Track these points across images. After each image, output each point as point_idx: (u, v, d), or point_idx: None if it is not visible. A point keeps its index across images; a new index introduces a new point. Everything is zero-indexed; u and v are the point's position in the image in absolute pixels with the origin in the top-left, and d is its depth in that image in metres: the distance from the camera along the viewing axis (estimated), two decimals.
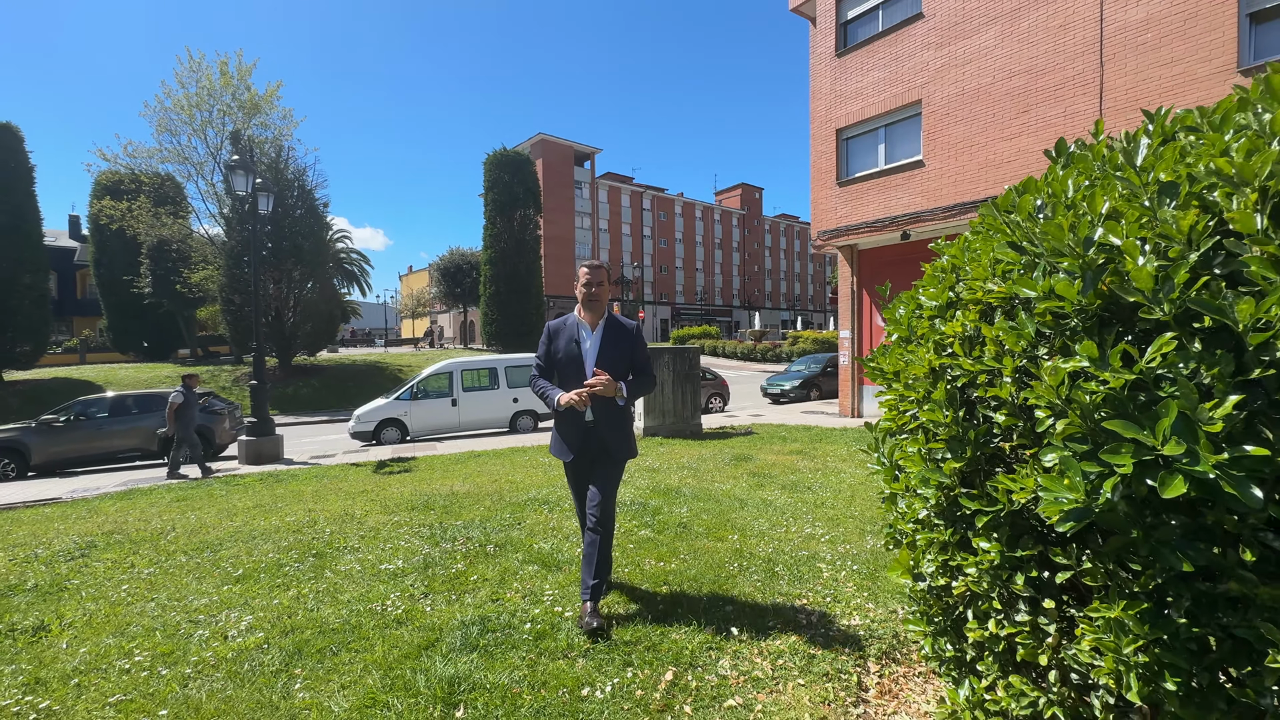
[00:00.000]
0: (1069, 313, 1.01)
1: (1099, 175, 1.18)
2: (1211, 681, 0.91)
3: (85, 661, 2.57)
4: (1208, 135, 1.04)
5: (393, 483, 6.92)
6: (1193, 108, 1.22)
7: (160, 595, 3.37)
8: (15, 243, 20.18)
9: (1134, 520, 0.92)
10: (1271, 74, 1.07)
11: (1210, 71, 8.35)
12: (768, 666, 2.30)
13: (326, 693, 2.21)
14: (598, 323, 2.98)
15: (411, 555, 3.85)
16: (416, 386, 12.79)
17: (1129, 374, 0.90)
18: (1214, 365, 0.84)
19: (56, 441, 10.31)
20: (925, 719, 2.00)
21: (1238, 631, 0.87)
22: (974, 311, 1.26)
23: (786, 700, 2.08)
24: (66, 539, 4.87)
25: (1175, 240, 0.93)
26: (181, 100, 22.94)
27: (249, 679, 2.35)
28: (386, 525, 4.69)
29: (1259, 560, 0.84)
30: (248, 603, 3.18)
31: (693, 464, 7.07)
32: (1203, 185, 0.97)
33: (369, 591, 3.24)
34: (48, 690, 2.34)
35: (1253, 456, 0.80)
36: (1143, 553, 0.93)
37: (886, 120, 12.59)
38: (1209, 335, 0.88)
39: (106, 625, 2.97)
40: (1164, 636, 0.90)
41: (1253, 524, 0.86)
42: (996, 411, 1.17)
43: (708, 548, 3.82)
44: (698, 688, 2.17)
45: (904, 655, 2.39)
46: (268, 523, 5.04)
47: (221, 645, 2.67)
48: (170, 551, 4.29)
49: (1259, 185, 0.89)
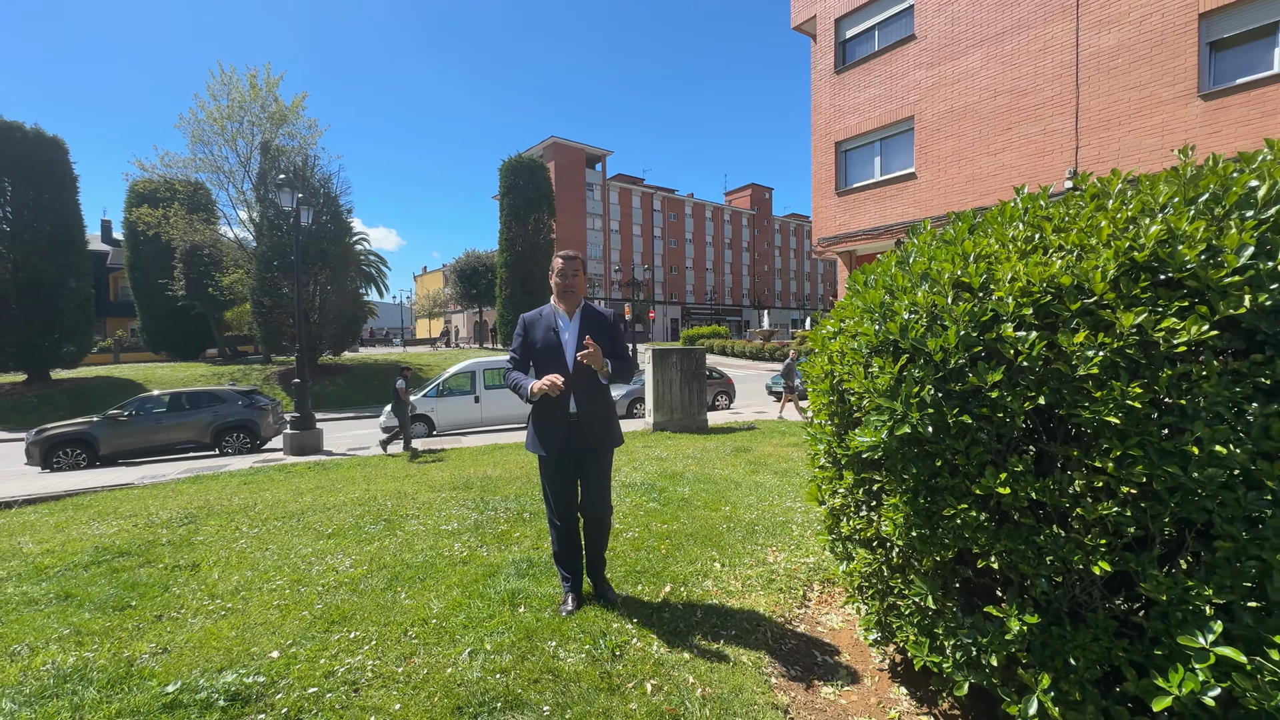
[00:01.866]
0: (874, 343, 1.87)
1: (895, 269, 2.04)
2: (934, 526, 1.77)
3: (239, 585, 3.50)
4: (948, 249, 1.89)
5: (430, 469, 7.85)
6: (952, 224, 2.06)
7: (272, 547, 4.30)
8: (62, 249, 21.45)
9: (895, 451, 1.78)
10: (989, 213, 1.93)
11: (1173, 95, 9.08)
12: (738, 585, 3.18)
13: (424, 600, 3.12)
14: (574, 312, 2.98)
15: (463, 520, 4.76)
16: (442, 385, 13.76)
17: (892, 373, 1.76)
18: (924, 371, 1.69)
19: (120, 434, 11.39)
20: (846, 618, 2.87)
21: (946, 507, 1.73)
22: (844, 336, 2.12)
23: (750, 602, 2.96)
24: (168, 511, 5.83)
25: (921, 306, 1.78)
26: (214, 112, 24.16)
27: (365, 593, 3.26)
28: (436, 500, 5.61)
29: (940, 471, 1.70)
30: (343, 551, 4.10)
31: (697, 454, 7.93)
32: (938, 275, 1.83)
33: (435, 544, 4.15)
34: (222, 601, 3.26)
35: (929, 415, 1.66)
36: (901, 468, 1.78)
37: (882, 134, 13.36)
38: (927, 359, 1.73)
39: (241, 565, 3.91)
40: (911, 512, 1.77)
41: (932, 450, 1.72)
42: (850, 396, 2.04)
43: (704, 516, 4.70)
44: (686, 594, 3.05)
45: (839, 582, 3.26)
46: (335, 498, 5.98)
47: (335, 575, 3.59)
48: (264, 519, 5.23)
49: (949, 279, 1.75)
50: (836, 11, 13.94)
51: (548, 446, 2.89)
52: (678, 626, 2.72)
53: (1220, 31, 8.82)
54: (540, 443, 2.91)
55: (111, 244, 42.62)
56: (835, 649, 2.59)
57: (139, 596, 3.34)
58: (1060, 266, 1.56)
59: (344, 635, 2.71)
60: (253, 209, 25.10)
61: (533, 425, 2.98)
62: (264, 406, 12.58)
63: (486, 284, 40.55)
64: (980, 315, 1.65)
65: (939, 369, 1.69)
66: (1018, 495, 1.58)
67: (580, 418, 2.85)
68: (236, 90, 24.37)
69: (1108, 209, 1.66)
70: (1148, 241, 1.46)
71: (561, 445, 2.87)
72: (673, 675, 2.27)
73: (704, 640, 2.59)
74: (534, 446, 2.95)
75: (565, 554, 3.01)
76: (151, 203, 26.19)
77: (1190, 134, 8.93)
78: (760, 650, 2.52)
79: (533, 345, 2.96)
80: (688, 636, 2.62)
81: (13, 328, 20.45)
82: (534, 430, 2.96)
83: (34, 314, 20.74)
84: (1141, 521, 1.48)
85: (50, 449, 10.84)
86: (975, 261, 1.77)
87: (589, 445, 2.88)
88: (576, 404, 2.84)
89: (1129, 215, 1.58)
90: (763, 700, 2.12)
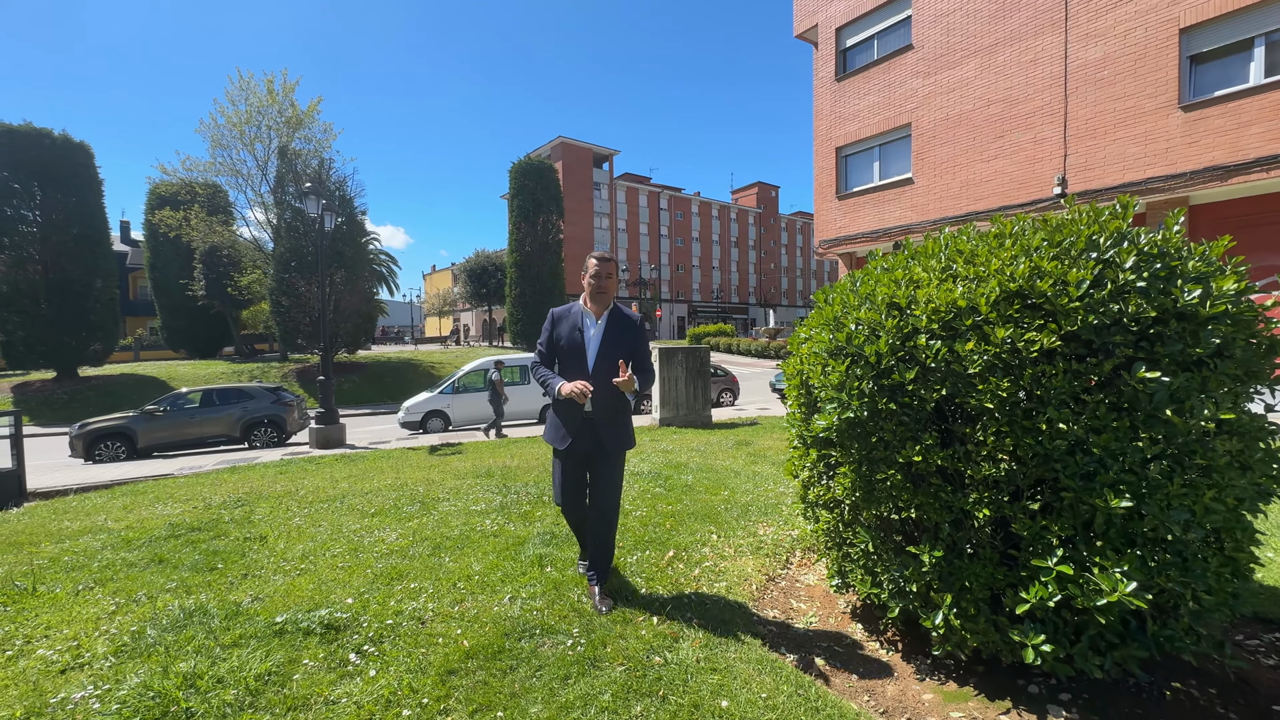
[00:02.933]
0: (830, 348, 2.42)
1: (848, 291, 2.58)
2: (871, 488, 2.32)
3: (304, 552, 4.09)
4: (884, 275, 2.43)
5: (451, 460, 8.45)
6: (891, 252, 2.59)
7: (324, 524, 4.90)
8: (89, 251, 22.20)
9: (843, 431, 2.32)
10: (925, 240, 2.47)
11: (1155, 106, 9.54)
12: (731, 551, 3.74)
13: (465, 563, 3.69)
14: (602, 314, 3.03)
15: (490, 502, 5.34)
16: (458, 382, 14.38)
17: (841, 371, 2.31)
18: (863, 370, 2.24)
19: (157, 428, 12.07)
20: (820, 577, 3.42)
21: (879, 473, 2.28)
22: (810, 342, 2.66)
23: (740, 565, 3.52)
24: (221, 496, 6.44)
25: (863, 320, 2.32)
26: (233, 117, 24.86)
27: (413, 558, 3.84)
28: (462, 485, 6.20)
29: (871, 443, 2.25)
30: (388, 527, 4.68)
31: (700, 447, 8.48)
32: (875, 298, 2.38)
33: (468, 521, 4.73)
34: (294, 564, 3.85)
35: (866, 403, 2.20)
36: (847, 444, 2.33)
37: (880, 141, 13.84)
38: (866, 361, 2.28)
39: (301, 538, 4.50)
40: (855, 478, 2.32)
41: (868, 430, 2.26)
42: (814, 389, 2.59)
43: (704, 499, 5.25)
44: (687, 559, 3.62)
45: (808, 541, 3.81)
46: (370, 484, 6.58)
47: (385, 545, 4.17)
48: (309, 502, 5.83)
49: (884, 300, 2.29)
50: (837, 21, 14.42)
51: (562, 441, 2.99)
52: (679, 580, 3.28)
53: (1200, 46, 9.26)
54: (559, 435, 3.02)
55: (130, 244, 43.59)
56: (809, 598, 3.14)
57: (222, 561, 3.94)
58: (960, 293, 2.11)
59: (404, 587, 3.29)
60: (270, 211, 25.83)
61: (552, 417, 3.11)
62: (289, 402, 13.24)
63: (496, 283, 41.22)
64: (904, 328, 2.19)
65: (874, 368, 2.24)
66: (928, 462, 2.13)
67: (596, 416, 2.94)
68: (254, 95, 25.08)
69: (1005, 247, 2.21)
70: (1018, 275, 2.01)
71: (575, 441, 2.97)
72: (675, 613, 2.84)
73: (701, 589, 3.15)
74: (553, 439, 3.07)
75: (575, 530, 3.32)
76: (173, 205, 26.96)
77: (1171, 143, 9.39)
78: (746, 597, 3.08)
79: (558, 341, 3.04)
80: (686, 587, 3.18)
81: (43, 327, 21.25)
82: (553, 422, 3.09)
83: (63, 314, 21.52)
84: (1013, 480, 2.03)
85: (92, 442, 11.53)
86: (905, 286, 2.32)
87: (602, 444, 2.96)
88: (593, 403, 2.91)
89: (1012, 254, 2.12)
90: (746, 630, 2.68)
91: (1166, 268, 1.95)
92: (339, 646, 2.58)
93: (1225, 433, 1.94)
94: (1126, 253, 1.95)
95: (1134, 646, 1.95)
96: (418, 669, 2.37)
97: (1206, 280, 1.89)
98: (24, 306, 20.98)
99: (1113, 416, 1.87)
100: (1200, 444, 1.86)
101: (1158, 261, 1.95)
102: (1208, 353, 1.87)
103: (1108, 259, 1.98)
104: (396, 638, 2.66)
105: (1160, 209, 9.80)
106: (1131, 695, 2.09)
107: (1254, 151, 8.61)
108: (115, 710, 2.11)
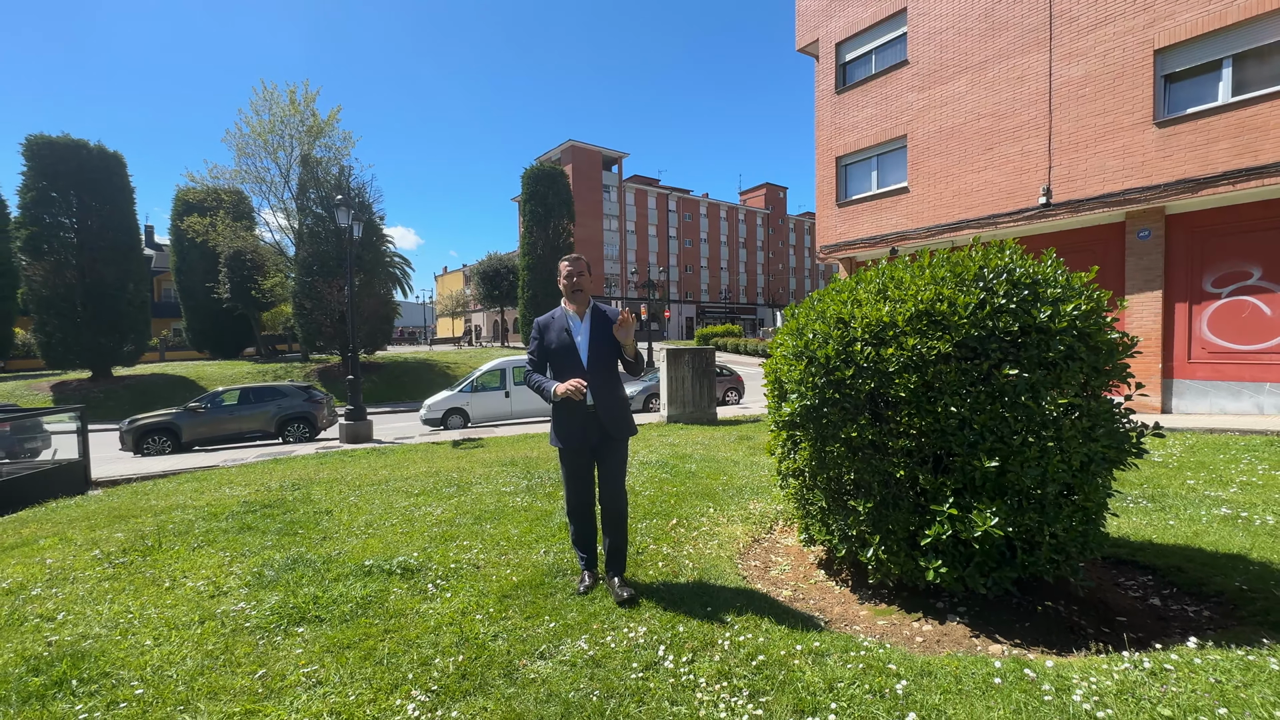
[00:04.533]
0: (794, 351, 3.16)
1: (810, 308, 3.32)
2: (823, 458, 3.05)
3: (367, 522, 4.88)
4: (835, 296, 3.16)
5: (475, 452, 9.24)
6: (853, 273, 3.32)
7: (376, 502, 5.68)
8: (122, 256, 23.28)
9: (803, 415, 3.06)
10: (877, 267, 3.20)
11: (1133, 122, 10.17)
12: (725, 520, 4.49)
13: (504, 529, 4.46)
14: (584, 312, 3.16)
15: (517, 485, 6.11)
16: (476, 381, 15.20)
17: (800, 370, 3.04)
18: (816, 369, 2.98)
19: (199, 424, 12.97)
20: (797, 540, 4.16)
21: (828, 446, 3.01)
22: (783, 347, 3.40)
23: (731, 530, 4.27)
24: (277, 481, 7.25)
25: (818, 331, 3.06)
26: (257, 126, 25.86)
27: (460, 526, 4.61)
28: (490, 472, 6.97)
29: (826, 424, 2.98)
30: (432, 504, 5.46)
31: (704, 441, 9.22)
32: (827, 314, 3.11)
33: (500, 499, 5.50)
34: (361, 530, 4.63)
35: (817, 394, 2.94)
36: (806, 425, 3.07)
37: (878, 151, 14.50)
38: (818, 363, 3.01)
39: (360, 512, 5.28)
40: (811, 451, 3.05)
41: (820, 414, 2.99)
42: (783, 383, 3.33)
43: (705, 482, 5.99)
44: (687, 525, 4.37)
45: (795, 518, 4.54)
46: (407, 472, 7.38)
47: (434, 517, 4.95)
48: (358, 485, 6.63)
49: (833, 316, 3.03)
50: (837, 36, 15.10)
51: (568, 439, 3.12)
52: (679, 539, 4.04)
53: (1173, 66, 9.88)
54: (561, 436, 3.15)
55: (155, 248, 44.88)
56: (785, 554, 3.88)
57: (300, 528, 4.74)
58: (886, 311, 2.84)
59: (458, 545, 4.06)
60: (293, 217, 26.83)
61: (554, 420, 3.22)
62: (320, 400, 14.12)
63: (508, 285, 42.16)
64: (845, 338, 2.93)
65: (824, 368, 2.98)
66: (862, 437, 2.87)
67: (598, 409, 3.09)
68: (277, 105, 26.07)
69: (922, 275, 2.94)
70: (925, 299, 2.74)
71: (581, 436, 3.10)
72: (676, 558, 3.59)
73: (698, 546, 3.90)
74: (556, 440, 3.19)
75: (582, 536, 3.31)
76: (199, 211, 28.05)
77: (1147, 157, 10.01)
78: (734, 552, 3.83)
79: (548, 347, 3.17)
80: (685, 545, 3.94)
81: (79, 329, 22.34)
82: (555, 425, 3.20)
83: (98, 316, 22.60)
84: (921, 449, 2.76)
85: (141, 436, 12.45)
86: (850, 305, 3.06)
87: (607, 434, 3.10)
88: (594, 397, 3.06)
89: (925, 281, 2.85)
90: (731, 572, 3.43)
91: (1032, 293, 2.68)
92: (417, 581, 3.36)
93: (1078, 414, 2.67)
94: (1002, 283, 2.68)
95: (1007, 569, 2.68)
96: (481, 594, 3.14)
97: (1056, 303, 2.62)
98: (62, 309, 22.07)
99: (988, 402, 2.60)
100: (1052, 422, 2.59)
101: (1025, 289, 2.68)
102: (1058, 356, 2.60)
103: (989, 286, 2.71)
104: (460, 576, 3.43)
105: (1138, 218, 10.42)
106: (1012, 609, 2.81)
107: (1221, 166, 9.23)
108: (266, 615, 2.90)
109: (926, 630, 2.71)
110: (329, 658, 2.49)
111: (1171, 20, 9.73)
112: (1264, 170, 8.81)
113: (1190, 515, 4.24)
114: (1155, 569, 3.33)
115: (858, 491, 2.99)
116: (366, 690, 2.21)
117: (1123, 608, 2.86)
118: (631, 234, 63.47)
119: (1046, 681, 2.05)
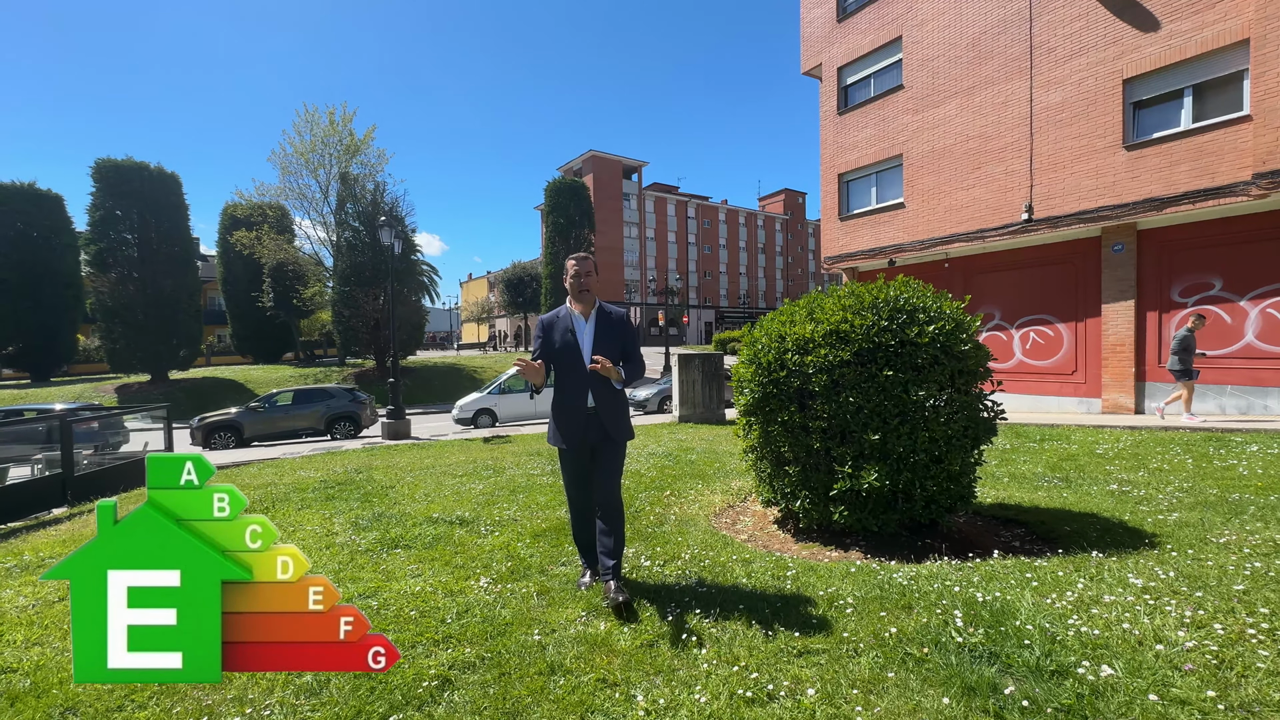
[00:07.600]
0: (747, 357, 4.28)
1: (761, 327, 4.44)
2: (768, 436, 4.17)
3: (425, 494, 6.11)
4: (779, 316, 4.28)
5: (505, 446, 10.48)
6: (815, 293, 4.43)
7: (428, 481, 6.92)
8: (179, 268, 25.25)
9: (754, 405, 4.18)
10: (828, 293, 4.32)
11: (1105, 145, 11.06)
12: (709, 492, 5.63)
13: (534, 498, 5.65)
14: (589, 313, 3.16)
15: (544, 469, 7.31)
16: (504, 383, 16.52)
17: (750, 371, 4.17)
18: (760, 371, 4.10)
19: (258, 421, 14.48)
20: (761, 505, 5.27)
21: (770, 427, 4.13)
22: (742, 354, 4.53)
23: (712, 499, 5.40)
24: (340, 467, 8.55)
25: (762, 343, 4.18)
26: (300, 146, 27.72)
27: (499, 496, 5.81)
28: (520, 460, 8.19)
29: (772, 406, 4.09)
30: (475, 481, 6.68)
31: (709, 437, 10.33)
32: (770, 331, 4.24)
33: (530, 479, 6.70)
34: (422, 499, 5.86)
35: (761, 389, 4.06)
36: (757, 412, 4.18)
37: (877, 169, 15.49)
38: (763, 366, 4.12)
39: (418, 487, 6.52)
40: (759, 431, 4.18)
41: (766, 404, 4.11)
42: (742, 382, 4.46)
43: (700, 468, 7.12)
44: (679, 495, 5.52)
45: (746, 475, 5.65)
46: (449, 460, 8.63)
47: (478, 491, 6.16)
48: (410, 470, 7.89)
49: (774, 332, 4.15)
50: (838, 61, 16.13)
51: (568, 439, 3.12)
52: (669, 503, 5.19)
53: (1140, 94, 10.75)
54: (561, 436, 3.15)
55: (200, 259, 47.44)
56: (751, 515, 5.00)
57: (373, 498, 5.99)
58: (809, 330, 3.97)
59: (498, 507, 5.26)
60: (332, 230, 28.64)
61: (553, 420, 3.22)
62: (363, 401, 15.56)
63: (532, 292, 43.75)
64: (782, 349, 4.06)
65: (766, 370, 4.11)
66: (793, 421, 3.99)
67: (599, 410, 3.11)
68: (317, 126, 27.94)
69: (836, 303, 4.05)
70: (833, 321, 3.86)
71: (580, 436, 3.11)
72: (664, 515, 4.74)
73: (683, 508, 5.04)
74: (555, 440, 3.18)
75: (582, 538, 3.41)
76: (246, 226, 30.06)
77: (1117, 178, 10.88)
78: (710, 511, 4.96)
79: (551, 346, 3.15)
80: (673, 507, 5.08)
81: (140, 335, 24.31)
82: (554, 424, 3.20)
83: (157, 324, 24.56)
84: (832, 428, 3.88)
85: (209, 432, 13.99)
86: (788, 324, 4.19)
87: (608, 435, 3.12)
88: (595, 398, 3.10)
89: (840, 307, 3.97)
90: (704, 524, 4.56)
91: (910, 317, 3.78)
92: (473, 527, 4.57)
93: (946, 405, 3.76)
94: (886, 310, 3.80)
95: (892, 514, 3.78)
96: (519, 534, 4.33)
97: (923, 324, 3.72)
98: (125, 318, 24.07)
99: (876, 395, 3.71)
100: (920, 409, 3.68)
101: (904, 314, 3.79)
102: (925, 362, 3.70)
103: (878, 311, 3.83)
104: (503, 525, 4.63)
105: (1113, 233, 11.28)
106: (901, 544, 3.90)
107: (1183, 186, 10.08)
108: (371, 543, 4.13)
109: (833, 555, 3.82)
110: (422, 565, 3.70)
111: (1138, 53, 10.61)
112: (1219, 191, 9.65)
113: (1085, 491, 5.25)
114: (1028, 524, 4.38)
115: (791, 460, 4.12)
116: (451, 578, 3.42)
117: (985, 545, 3.93)
118: (651, 241, 64.77)
119: (884, 572, 3.16)
